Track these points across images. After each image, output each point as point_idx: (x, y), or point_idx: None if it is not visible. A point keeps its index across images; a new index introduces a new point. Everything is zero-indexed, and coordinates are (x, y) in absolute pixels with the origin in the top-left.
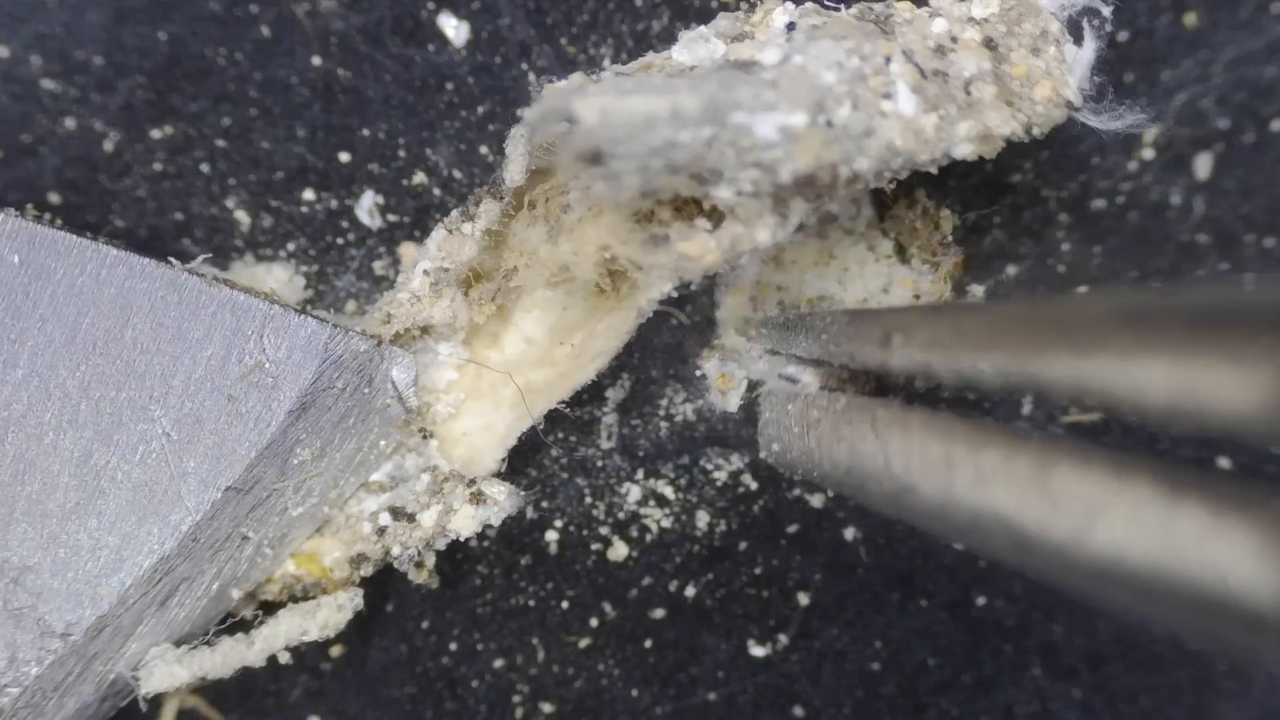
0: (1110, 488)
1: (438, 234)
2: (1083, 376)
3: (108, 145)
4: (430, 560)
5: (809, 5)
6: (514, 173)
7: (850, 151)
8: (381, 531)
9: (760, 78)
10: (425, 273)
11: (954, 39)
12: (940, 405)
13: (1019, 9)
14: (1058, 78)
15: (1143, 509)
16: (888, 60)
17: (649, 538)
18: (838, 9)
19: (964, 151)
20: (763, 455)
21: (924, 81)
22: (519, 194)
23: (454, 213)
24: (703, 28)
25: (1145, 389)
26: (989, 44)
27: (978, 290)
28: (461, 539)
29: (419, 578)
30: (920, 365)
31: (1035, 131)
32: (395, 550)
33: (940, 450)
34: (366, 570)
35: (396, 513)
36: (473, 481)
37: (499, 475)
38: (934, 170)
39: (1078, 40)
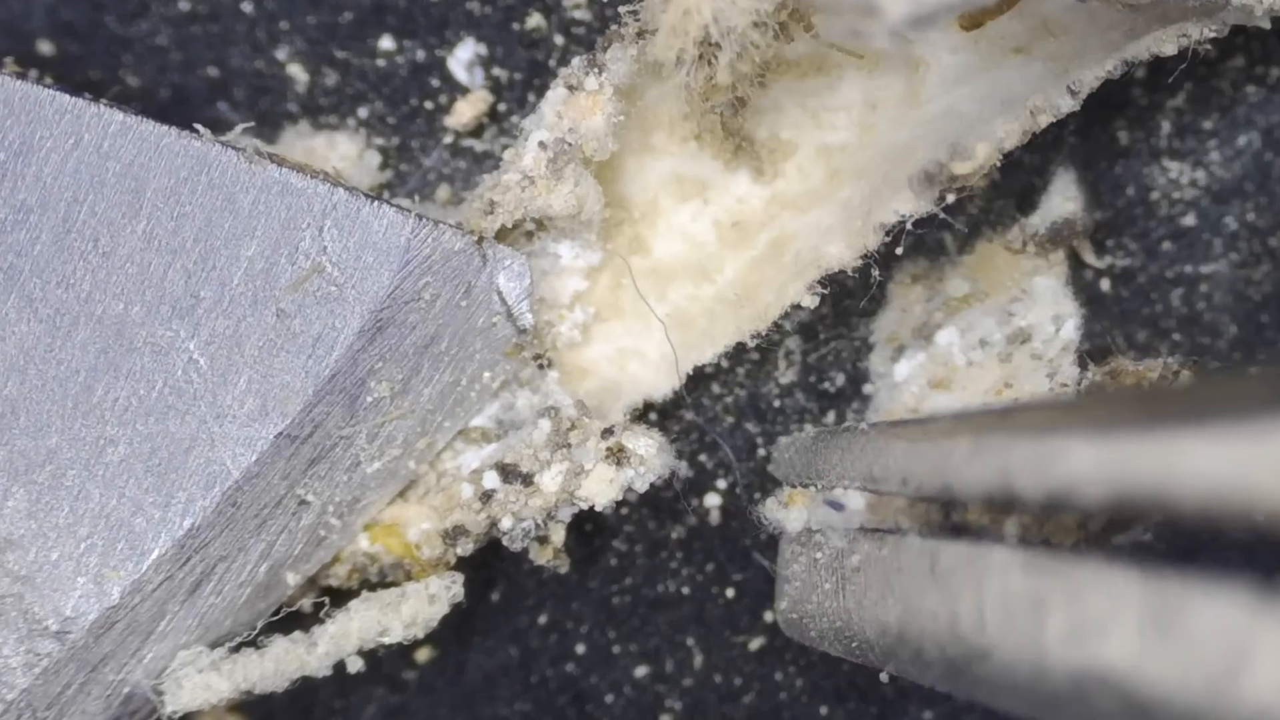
0: (1260, 623)
1: (555, 93)
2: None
3: None
4: (559, 535)
5: None
6: None
7: None
8: (486, 497)
9: None
10: (541, 145)
11: None
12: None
13: None
14: None
15: None
16: None
17: None
18: None
19: None
20: (780, 622)
21: None
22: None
23: (575, 62)
24: None
25: None
26: None
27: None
28: (595, 509)
29: (543, 557)
30: (997, 480)
31: None
32: (505, 523)
33: (1027, 596)
34: (465, 548)
35: (506, 472)
36: (609, 431)
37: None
38: None
39: None
